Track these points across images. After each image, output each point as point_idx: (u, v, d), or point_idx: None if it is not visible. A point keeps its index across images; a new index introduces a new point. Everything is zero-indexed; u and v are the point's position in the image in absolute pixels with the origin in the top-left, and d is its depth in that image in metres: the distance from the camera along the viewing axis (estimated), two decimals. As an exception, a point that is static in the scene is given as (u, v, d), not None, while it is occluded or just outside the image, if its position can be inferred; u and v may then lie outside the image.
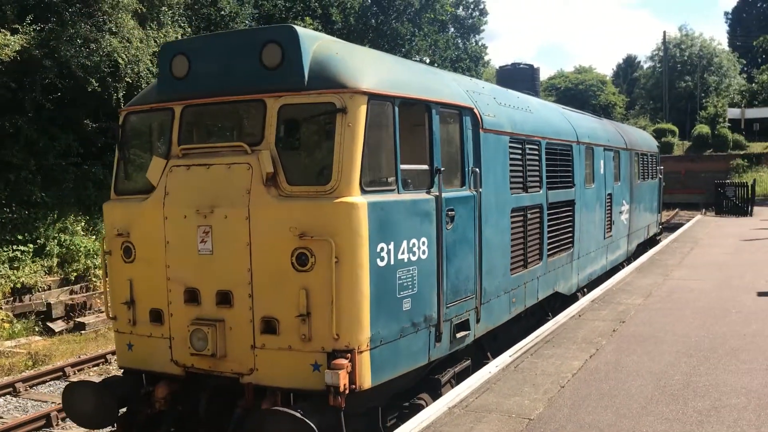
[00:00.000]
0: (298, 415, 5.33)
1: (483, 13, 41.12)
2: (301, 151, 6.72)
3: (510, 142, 8.63)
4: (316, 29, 30.22)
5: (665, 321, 9.40)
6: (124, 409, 6.70)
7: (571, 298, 11.61)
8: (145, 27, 19.59)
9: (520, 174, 9.02)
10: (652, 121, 60.62)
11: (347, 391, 5.61)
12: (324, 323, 5.69)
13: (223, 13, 23.75)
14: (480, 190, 7.59)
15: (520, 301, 9.08)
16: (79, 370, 12.34)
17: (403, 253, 6.21)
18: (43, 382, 11.93)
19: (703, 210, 34.03)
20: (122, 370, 6.98)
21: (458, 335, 7.19)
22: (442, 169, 6.73)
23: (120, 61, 17.99)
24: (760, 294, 11.18)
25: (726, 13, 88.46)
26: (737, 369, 7.16)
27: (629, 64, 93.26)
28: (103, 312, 15.98)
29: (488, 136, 7.93)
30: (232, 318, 6.04)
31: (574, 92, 70.24)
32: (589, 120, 14.64)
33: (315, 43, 6.28)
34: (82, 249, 16.97)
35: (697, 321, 9.36)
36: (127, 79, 18.52)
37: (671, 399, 6.32)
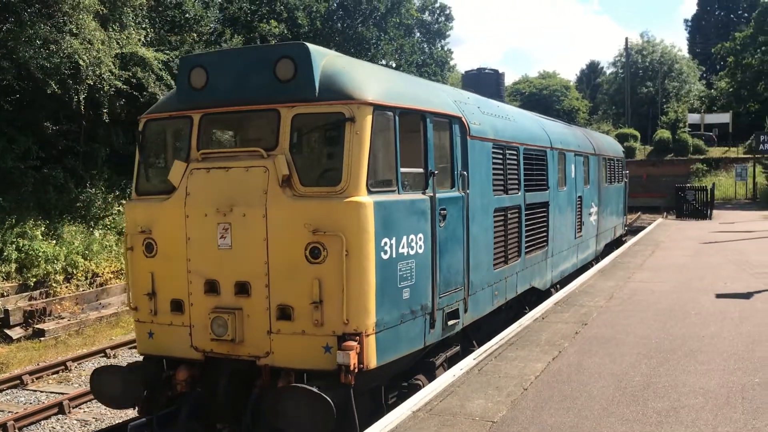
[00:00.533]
0: (315, 390, 5.95)
1: (449, 18, 41.38)
2: (312, 155, 7.44)
3: (493, 147, 9.34)
4: (281, 33, 30.13)
5: (626, 323, 9.53)
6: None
7: (546, 294, 12.26)
8: (107, 28, 19.28)
9: (502, 177, 9.73)
10: (615, 126, 61.61)
11: (356, 370, 6.22)
12: (335, 310, 6.30)
13: (187, 15, 23.51)
14: (467, 191, 8.26)
15: (501, 294, 9.74)
16: (37, 378, 12.07)
17: (403, 247, 6.88)
18: (0, 391, 11.66)
19: (665, 213, 34.62)
20: (142, 357, 7.51)
21: (449, 323, 7.87)
22: (436, 172, 7.41)
23: (81, 62, 17.67)
24: (719, 296, 11.40)
25: (686, 21, 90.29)
26: (695, 370, 7.28)
27: (592, 69, 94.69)
28: (64, 318, 15.71)
29: (474, 143, 8.62)
30: (250, 306, 6.61)
31: (539, 97, 71.12)
32: (561, 127, 15.37)
33: (323, 58, 6.91)
34: (41, 254, 16.62)
35: (657, 323, 9.50)
36: (89, 81, 18.20)
37: (632, 400, 6.40)
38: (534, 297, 11.84)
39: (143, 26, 21.60)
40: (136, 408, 7.43)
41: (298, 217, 6.37)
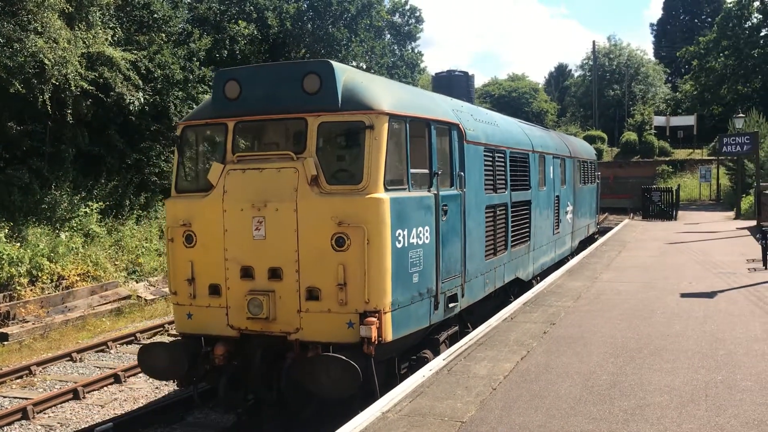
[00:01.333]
0: (344, 358, 6.94)
1: (419, 20, 41.44)
2: (336, 158, 8.28)
3: (484, 151, 10.41)
4: (251, 33, 29.95)
5: (594, 323, 9.66)
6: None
7: (528, 284, 13.31)
8: (73, 27, 18.96)
9: (492, 177, 10.81)
10: (583, 128, 62.37)
11: (376, 342, 7.21)
12: (357, 291, 7.30)
13: (156, 15, 23.23)
14: (464, 190, 9.34)
15: (491, 282, 10.89)
16: (0, 383, 11.84)
17: (413, 237, 7.88)
18: (-38, 397, 11.42)
19: (631, 214, 35.15)
20: (180, 336, 8.42)
21: (450, 305, 8.93)
22: (439, 172, 8.47)
23: (46, 62, 17.36)
24: (683, 295, 11.61)
25: (651, 25, 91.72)
26: (661, 368, 7.40)
27: (560, 72, 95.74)
28: (28, 321, 15.43)
29: (469, 147, 9.65)
30: (282, 289, 7.56)
31: (508, 99, 71.69)
32: (540, 131, 16.52)
33: (344, 73, 7.91)
34: (5, 257, 16.30)
35: (624, 322, 9.64)
36: (54, 81, 17.90)
37: (599, 399, 6.49)
38: (517, 288, 12.84)
39: (111, 26, 21.30)
40: (176, 382, 8.46)
41: (325, 211, 7.35)
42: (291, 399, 7.66)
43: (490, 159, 10.73)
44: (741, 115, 34.12)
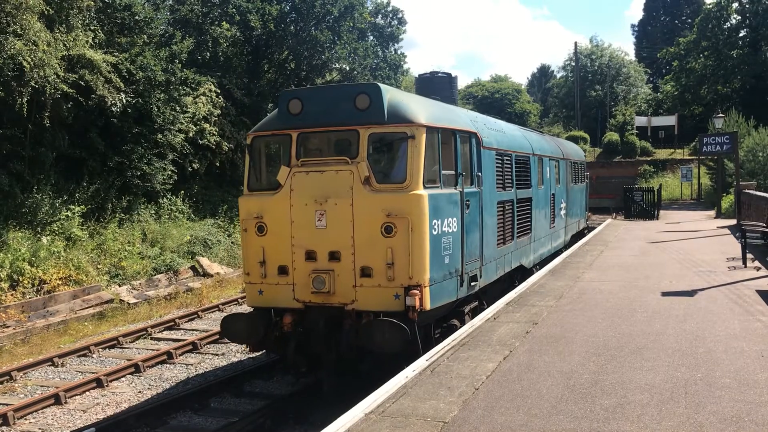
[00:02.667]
0: (395, 321, 8.64)
1: (402, 22, 41.45)
2: (383, 162, 9.57)
3: (496, 155, 12.02)
4: (233, 35, 29.86)
5: (576, 322, 9.73)
6: None
7: (529, 272, 14.97)
8: (53, 30, 18.83)
9: (501, 177, 12.38)
10: (566, 129, 62.74)
11: (418, 310, 8.84)
12: (402, 269, 8.93)
13: (137, 17, 23.08)
14: (481, 188, 10.98)
15: (501, 267, 12.54)
16: (-19, 389, 11.74)
17: (444, 226, 9.52)
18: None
19: (614, 214, 35.35)
20: (252, 308, 10.01)
21: (471, 284, 10.61)
22: (463, 173, 10.17)
23: (25, 64, 17.21)
24: (664, 294, 11.72)
25: (633, 26, 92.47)
26: (641, 366, 7.47)
27: (543, 73, 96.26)
28: (9, 326, 15.28)
29: (485, 151, 11.30)
30: (340, 268, 9.19)
31: (491, 100, 71.93)
32: (538, 136, 18.17)
33: (389, 92, 9.50)
34: (-15, 261, 16.18)
35: (605, 321, 9.72)
36: (33, 84, 17.75)
37: (580, 397, 6.54)
38: (520, 274, 14.36)
39: (92, 28, 21.16)
40: (248, 347, 10.51)
41: (376, 205, 8.97)
42: (349, 357, 9.28)
43: (500, 162, 12.33)
44: (721, 115, 34.49)
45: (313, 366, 9.89)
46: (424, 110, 9.66)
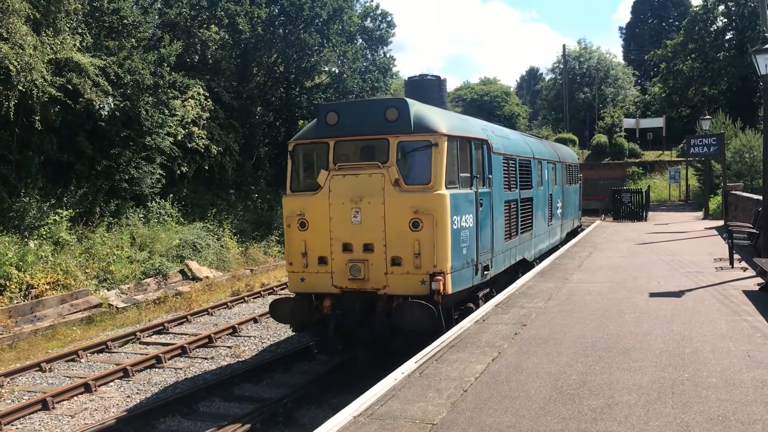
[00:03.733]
0: (423, 302, 9.86)
1: (390, 25, 41.36)
2: (410, 166, 10.67)
3: (503, 159, 13.32)
4: (222, 38, 29.82)
5: (564, 323, 9.76)
6: None
7: (531, 265, 16.23)
8: (39, 33, 18.74)
9: (507, 179, 13.65)
10: (554, 131, 62.86)
11: (442, 294, 10.10)
12: (428, 258, 10.17)
13: (125, 21, 22.98)
14: (492, 188, 12.27)
15: (508, 259, 13.84)
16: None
17: (462, 222, 10.79)
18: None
19: (602, 215, 35.50)
20: (294, 294, 11.31)
21: (484, 273, 11.90)
22: (477, 176, 11.56)
23: (11, 68, 17.12)
24: (652, 295, 11.78)
25: (620, 29, 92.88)
26: (629, 367, 7.50)
27: (532, 76, 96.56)
28: (-5, 332, 15.19)
29: (494, 156, 12.59)
30: (373, 258, 10.43)
31: (480, 103, 72.00)
32: (537, 141, 19.61)
33: (414, 106, 10.72)
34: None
35: (593, 322, 9.76)
36: (20, 87, 17.66)
37: (568, 398, 6.56)
38: (522, 267, 15.57)
39: (79, 31, 21.06)
40: (292, 327, 11.68)
41: (405, 203, 10.22)
42: (381, 335, 10.48)
43: (506, 165, 13.61)
44: (708, 117, 34.69)
45: (349, 345, 11.19)
46: (444, 121, 10.98)
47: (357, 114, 10.91)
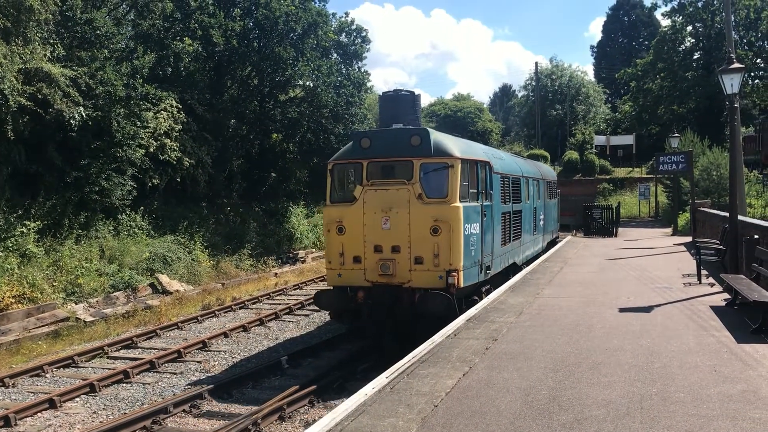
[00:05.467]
0: (442, 293, 12.10)
1: (365, 40, 41.55)
2: (431, 183, 12.73)
3: (501, 177, 15.71)
4: (196, 51, 29.65)
5: (535, 338, 9.81)
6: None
7: (520, 268, 18.47)
8: (9, 42, 18.48)
9: (503, 194, 15.91)
10: (526, 147, 63.47)
11: (456, 287, 12.26)
12: (445, 258, 12.38)
13: (98, 32, 22.74)
14: (492, 202, 14.53)
15: (503, 262, 16.20)
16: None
17: (471, 229, 13.02)
18: None
19: (574, 231, 35.80)
20: (332, 287, 13.44)
21: (487, 272, 14.14)
22: (482, 191, 13.79)
23: (-20, 77, 16.86)
24: (622, 310, 11.90)
25: (592, 47, 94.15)
26: (599, 382, 7.56)
27: (505, 92, 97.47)
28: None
29: (494, 175, 14.90)
30: (399, 257, 12.63)
31: (454, 119, 72.44)
32: (524, 161, 22.66)
33: (433, 134, 13.08)
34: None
35: (564, 337, 9.82)
36: (-11, 97, 17.36)
37: (538, 413, 6.58)
38: (512, 270, 17.64)
39: (51, 41, 20.81)
40: (330, 314, 14.25)
41: (426, 213, 12.46)
42: (405, 319, 12.57)
43: (503, 182, 15.92)
44: (676, 134, 35.26)
45: (378, 330, 13.03)
46: (457, 147, 13.26)
47: (386, 140, 13.08)
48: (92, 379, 12.42)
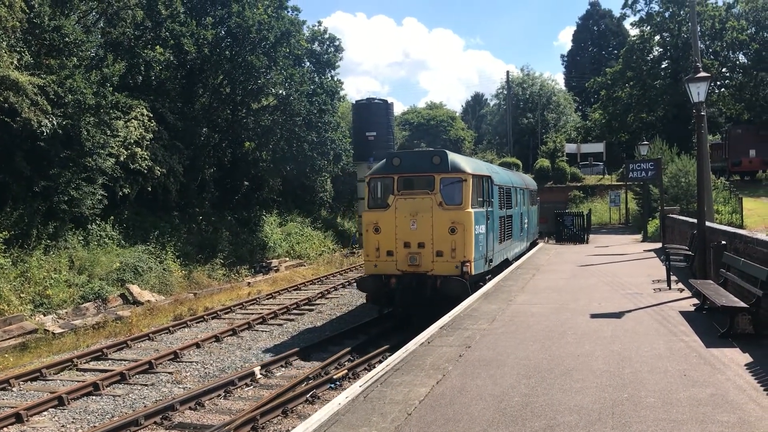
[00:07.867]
0: (459, 278, 15.42)
1: (338, 49, 41.56)
2: (449, 193, 15.88)
3: (498, 188, 18.94)
4: (167, 59, 29.43)
5: (508, 344, 9.86)
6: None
7: (510, 263, 21.58)
8: (-25, 50, 18.19)
9: (500, 202, 19.17)
10: (499, 155, 63.87)
11: (469, 275, 15.48)
12: (460, 252, 15.58)
13: (67, 39, 22.46)
14: (493, 208, 17.76)
15: (500, 257, 19.50)
16: None
17: (479, 230, 16.19)
18: None
19: (546, 238, 36.07)
20: (369, 275, 16.47)
21: (490, 264, 17.54)
22: (486, 200, 17.11)
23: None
24: (593, 316, 12.01)
25: (562, 56, 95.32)
26: (571, 388, 7.61)
27: (477, 101, 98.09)
28: None
29: (494, 186, 18.27)
30: (424, 252, 15.84)
31: (427, 127, 72.63)
32: (513, 173, 26.83)
33: (450, 155, 16.29)
34: None
35: (536, 344, 9.87)
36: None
37: (511, 420, 6.60)
38: (505, 264, 20.64)
39: (17, 49, 20.52)
40: (366, 296, 17.13)
41: (445, 217, 15.70)
42: (429, 301, 15.54)
43: (500, 192, 19.22)
44: (646, 142, 35.75)
45: (405, 311, 16.53)
46: (469, 165, 16.66)
47: (413, 159, 16.68)
48: (61, 392, 12.20)
